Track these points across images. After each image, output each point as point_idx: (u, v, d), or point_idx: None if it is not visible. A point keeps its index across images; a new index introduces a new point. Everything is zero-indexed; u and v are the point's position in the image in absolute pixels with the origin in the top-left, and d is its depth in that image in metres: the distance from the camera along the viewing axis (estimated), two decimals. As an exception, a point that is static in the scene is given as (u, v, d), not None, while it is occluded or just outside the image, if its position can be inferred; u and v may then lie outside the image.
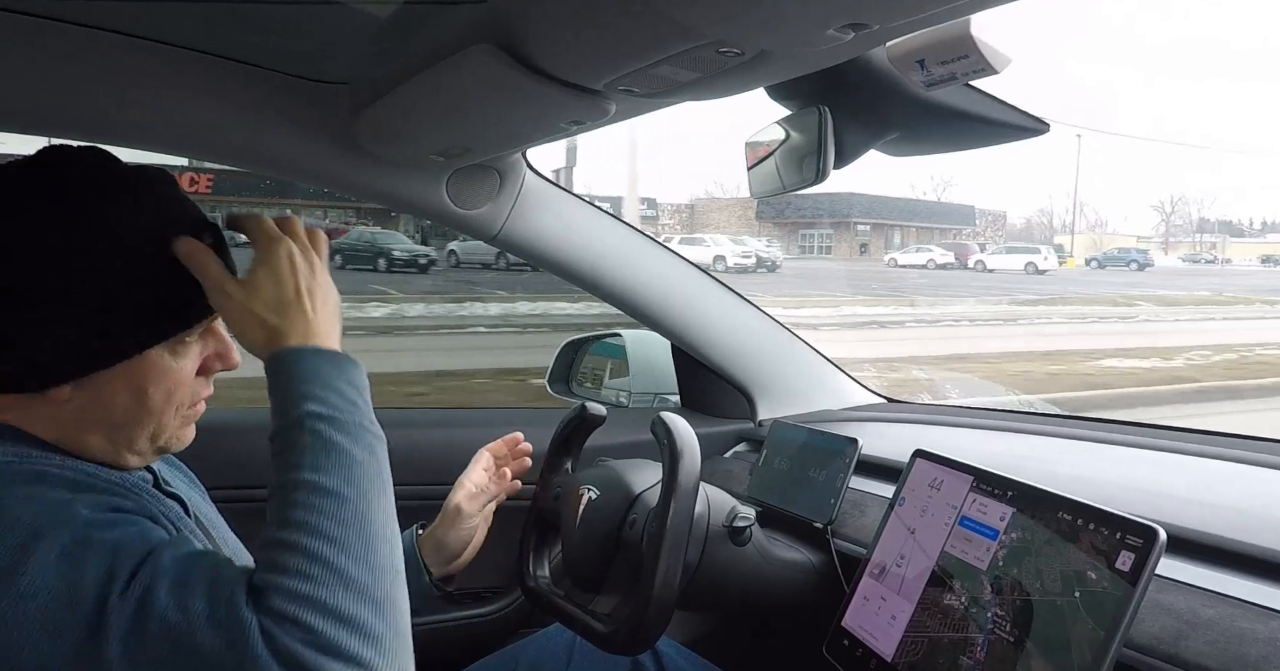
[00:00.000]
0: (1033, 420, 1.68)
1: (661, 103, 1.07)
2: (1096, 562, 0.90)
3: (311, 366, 0.81)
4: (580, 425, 1.40)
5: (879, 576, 1.17)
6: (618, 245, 1.68)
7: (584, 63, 0.96)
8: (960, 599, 1.03)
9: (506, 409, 2.11)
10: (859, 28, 0.76)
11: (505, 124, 1.23)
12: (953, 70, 0.93)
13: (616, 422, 1.49)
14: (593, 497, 1.29)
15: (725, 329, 1.79)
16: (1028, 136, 1.13)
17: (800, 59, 0.91)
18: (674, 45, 0.85)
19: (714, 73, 0.91)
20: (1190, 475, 1.30)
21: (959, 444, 1.54)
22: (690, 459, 1.15)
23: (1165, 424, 1.55)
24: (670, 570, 1.12)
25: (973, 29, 0.88)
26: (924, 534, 1.13)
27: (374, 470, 0.78)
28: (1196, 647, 0.88)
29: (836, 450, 1.42)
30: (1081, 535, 0.93)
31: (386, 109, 1.24)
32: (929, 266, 36.00)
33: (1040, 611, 0.93)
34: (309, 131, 1.37)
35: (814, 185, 1.19)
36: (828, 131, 1.13)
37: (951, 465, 1.14)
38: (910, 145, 1.22)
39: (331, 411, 0.79)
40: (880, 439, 1.55)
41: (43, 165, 0.84)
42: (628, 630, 1.14)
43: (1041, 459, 1.44)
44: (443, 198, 1.51)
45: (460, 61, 1.02)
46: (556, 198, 1.60)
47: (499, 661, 1.41)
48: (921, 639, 1.06)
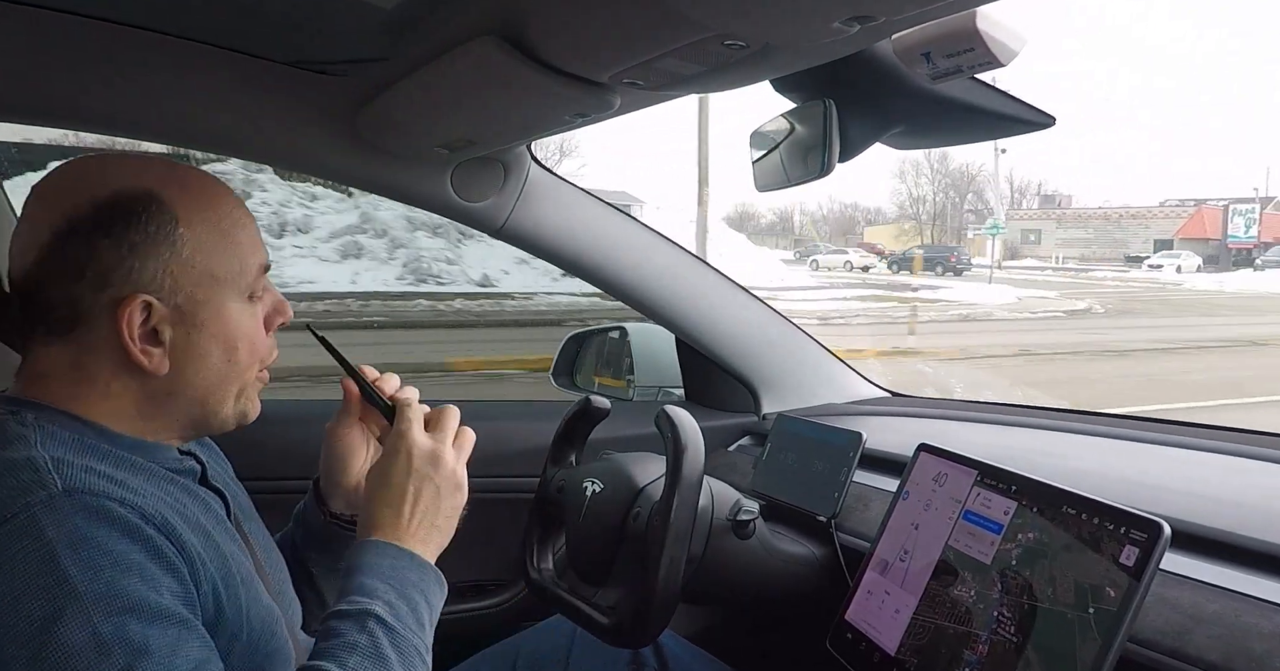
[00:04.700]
0: (1037, 415, 1.67)
1: (667, 96, 1.07)
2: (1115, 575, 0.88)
3: (398, 568, 0.87)
4: (584, 418, 1.40)
5: (882, 570, 1.17)
6: (622, 238, 1.68)
7: (589, 55, 0.96)
8: (967, 592, 1.03)
9: (508, 401, 2.11)
10: (864, 20, 0.76)
11: (510, 116, 1.23)
12: (958, 63, 0.93)
13: (620, 416, 1.49)
14: (597, 490, 1.29)
15: (729, 322, 1.79)
16: (1033, 129, 1.12)
17: (805, 52, 0.91)
18: (679, 38, 0.84)
19: (719, 65, 0.91)
20: (1195, 470, 1.30)
21: (963, 438, 1.54)
22: (694, 452, 1.15)
23: (1170, 419, 1.55)
24: (674, 563, 1.12)
25: (978, 22, 0.88)
26: (928, 528, 1.13)
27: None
28: (1201, 642, 0.88)
29: (840, 444, 1.42)
30: (1085, 529, 0.93)
31: (391, 101, 1.24)
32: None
33: (1046, 620, 0.92)
34: (313, 123, 1.37)
35: (819, 178, 1.18)
36: (833, 124, 1.12)
37: (956, 459, 1.14)
38: (916, 138, 1.22)
39: (395, 623, 0.82)
40: (884, 433, 1.54)
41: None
42: (631, 623, 1.15)
43: (1046, 453, 1.44)
44: (447, 190, 1.51)
45: (465, 53, 1.02)
46: (561, 190, 1.60)
47: (500, 653, 1.41)
48: (924, 633, 1.06)
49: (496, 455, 1.75)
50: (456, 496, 0.95)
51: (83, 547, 0.72)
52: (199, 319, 0.85)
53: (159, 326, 0.83)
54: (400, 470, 0.92)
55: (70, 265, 0.81)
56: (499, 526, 1.74)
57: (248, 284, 0.89)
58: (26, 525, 0.72)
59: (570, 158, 42.07)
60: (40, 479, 0.75)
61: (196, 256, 0.85)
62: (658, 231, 1.74)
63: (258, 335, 0.91)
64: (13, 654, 0.68)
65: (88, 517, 0.73)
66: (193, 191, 0.87)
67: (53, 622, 0.68)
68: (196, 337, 0.86)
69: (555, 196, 1.59)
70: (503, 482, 1.75)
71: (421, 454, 0.93)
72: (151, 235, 0.83)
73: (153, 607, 0.72)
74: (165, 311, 0.83)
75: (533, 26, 0.95)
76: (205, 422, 0.90)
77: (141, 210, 0.83)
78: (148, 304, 0.82)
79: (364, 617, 0.81)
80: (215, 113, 1.34)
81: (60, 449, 0.78)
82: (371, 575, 0.85)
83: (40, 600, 0.69)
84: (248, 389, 0.91)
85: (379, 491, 0.92)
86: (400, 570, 0.87)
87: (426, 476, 0.93)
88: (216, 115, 1.35)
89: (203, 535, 0.83)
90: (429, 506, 0.92)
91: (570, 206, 1.61)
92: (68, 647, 0.68)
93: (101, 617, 0.70)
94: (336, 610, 0.83)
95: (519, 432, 1.78)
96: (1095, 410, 1.78)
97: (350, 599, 0.83)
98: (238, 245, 0.88)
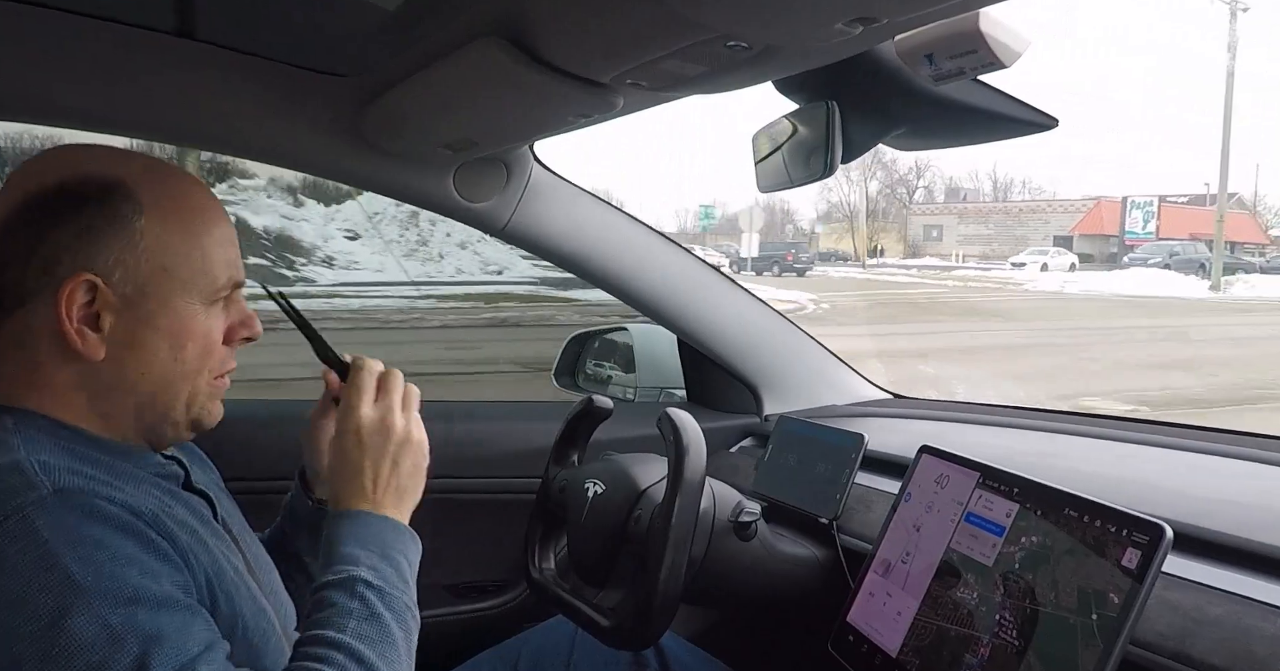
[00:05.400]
0: (1039, 417, 1.67)
1: (669, 96, 1.07)
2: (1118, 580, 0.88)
3: (375, 532, 0.89)
4: (587, 418, 1.40)
5: (884, 572, 1.17)
6: (625, 239, 1.68)
7: (592, 56, 0.96)
8: (969, 594, 1.03)
9: (511, 402, 2.11)
10: (867, 22, 0.76)
11: (513, 117, 1.23)
12: (961, 65, 0.93)
13: (622, 417, 1.49)
14: (599, 492, 1.29)
15: (731, 323, 1.79)
16: (1036, 131, 1.12)
17: (808, 53, 0.91)
18: (681, 39, 0.84)
19: (722, 66, 0.91)
20: (1197, 472, 1.29)
21: (965, 440, 1.53)
22: (696, 454, 1.15)
23: (1172, 421, 1.54)
24: (675, 565, 1.12)
25: (981, 23, 0.88)
26: (930, 530, 1.13)
27: (406, 652, 0.84)
28: (1203, 645, 0.88)
29: (842, 445, 1.42)
30: (1088, 532, 0.93)
31: (394, 102, 1.24)
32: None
33: (1048, 624, 0.92)
34: (316, 124, 1.37)
35: (821, 179, 1.18)
36: (836, 126, 1.12)
37: (958, 461, 1.14)
38: (918, 139, 1.22)
39: (382, 584, 0.85)
40: (886, 434, 1.54)
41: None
42: (632, 624, 1.14)
43: (1048, 455, 1.44)
44: (450, 191, 1.51)
45: (468, 54, 1.02)
46: (563, 191, 1.60)
47: (501, 654, 1.41)
48: (926, 634, 1.06)
49: (499, 455, 1.75)
50: (414, 455, 0.97)
51: (80, 544, 0.72)
52: (146, 311, 0.85)
53: (101, 311, 0.83)
54: (353, 447, 0.94)
55: (27, 240, 0.82)
56: (501, 527, 1.74)
57: (211, 289, 0.88)
58: (21, 526, 0.72)
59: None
60: (29, 481, 0.75)
61: (155, 250, 0.85)
62: (660, 232, 1.74)
63: (211, 340, 0.90)
64: (23, 652, 0.69)
65: (80, 516, 0.74)
66: (167, 188, 0.87)
67: (61, 618, 0.69)
68: (141, 331, 0.85)
69: (558, 197, 1.59)
70: (505, 483, 1.75)
71: (370, 427, 0.95)
72: (110, 221, 0.83)
73: (156, 596, 0.74)
74: (112, 298, 0.83)
75: (535, 27, 0.95)
76: (159, 426, 0.89)
77: (104, 196, 0.83)
78: (93, 285, 0.82)
79: (353, 583, 0.83)
80: (218, 113, 1.34)
81: (44, 453, 0.79)
82: (351, 543, 0.87)
83: (45, 598, 0.70)
84: (199, 395, 0.90)
85: (340, 469, 0.94)
86: (377, 534, 0.89)
87: (379, 448, 0.94)
88: (220, 115, 1.35)
89: (190, 533, 0.84)
90: (389, 473, 0.94)
91: (573, 207, 1.61)
92: (80, 641, 0.69)
93: (109, 609, 0.70)
94: (324, 581, 0.84)
95: (521, 433, 1.78)
96: (1098, 413, 1.77)
97: (335, 568, 0.85)
98: (203, 249, 0.88)
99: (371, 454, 0.94)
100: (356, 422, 0.95)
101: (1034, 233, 48.08)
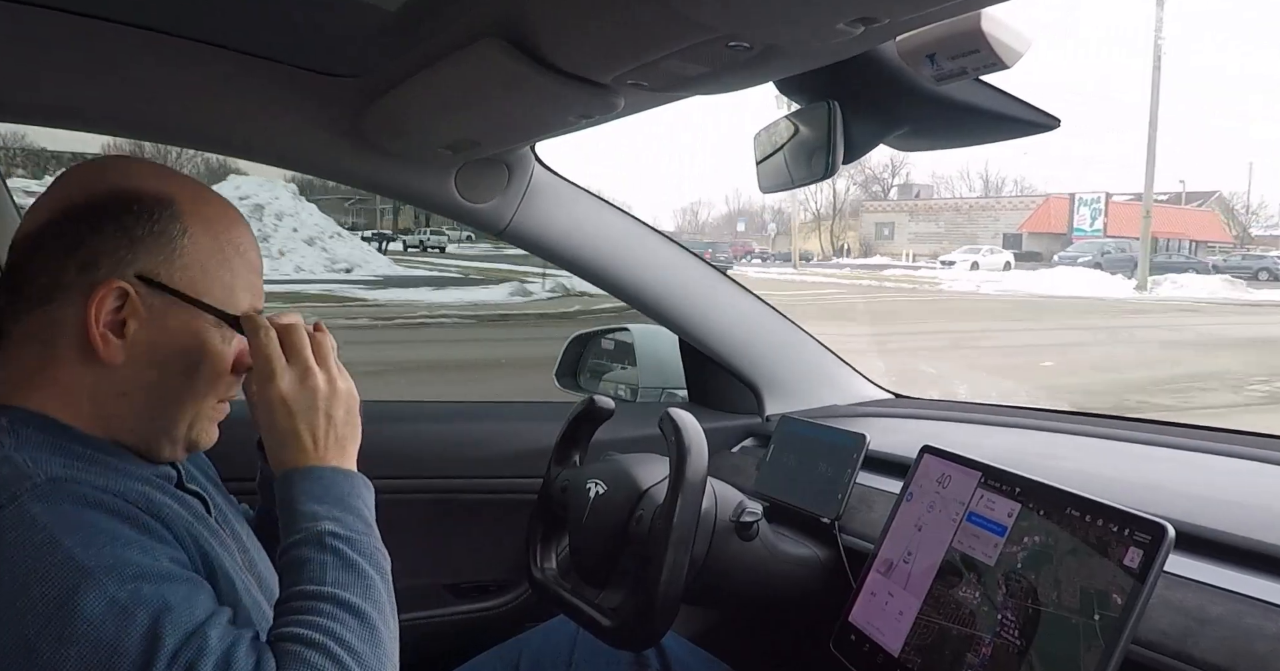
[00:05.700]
0: (1041, 416, 1.67)
1: (671, 97, 1.07)
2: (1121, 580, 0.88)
3: (327, 485, 0.87)
4: (588, 418, 1.41)
5: (886, 571, 1.17)
6: (626, 239, 1.68)
7: (593, 57, 0.96)
8: (971, 594, 1.03)
9: (514, 402, 2.11)
10: (868, 22, 0.76)
11: (514, 117, 1.23)
12: (963, 65, 0.93)
13: (624, 417, 1.49)
14: (600, 492, 1.29)
15: (733, 324, 1.79)
16: (1038, 131, 1.12)
17: (810, 54, 0.91)
18: (683, 39, 0.84)
19: (723, 67, 0.91)
20: (1198, 472, 1.29)
21: (967, 440, 1.53)
22: (697, 455, 1.15)
23: (1174, 420, 1.54)
24: (676, 565, 1.12)
25: (983, 23, 0.88)
26: (931, 529, 1.13)
27: (385, 591, 0.84)
28: (1205, 644, 0.88)
29: (844, 445, 1.42)
30: (1089, 532, 0.93)
31: (395, 102, 1.24)
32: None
33: (1050, 625, 0.92)
34: (317, 125, 1.38)
35: (823, 180, 1.18)
36: (837, 126, 1.12)
37: (959, 461, 1.14)
38: (920, 139, 1.21)
39: (349, 532, 0.84)
40: (888, 434, 1.54)
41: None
42: (634, 624, 1.15)
43: (1050, 455, 1.44)
44: (451, 191, 1.51)
45: (469, 55, 1.02)
46: (565, 191, 1.60)
47: (502, 654, 1.41)
48: (928, 634, 1.06)
49: (500, 455, 1.75)
50: (345, 403, 0.92)
51: (78, 528, 0.73)
52: (169, 326, 0.86)
53: (128, 319, 0.84)
54: (282, 417, 0.89)
55: (70, 239, 0.84)
56: (502, 527, 1.74)
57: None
58: (18, 514, 0.73)
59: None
60: (22, 471, 0.76)
61: (190, 269, 0.87)
62: (662, 232, 1.74)
63: (222, 364, 0.91)
64: (37, 635, 0.69)
65: (75, 503, 0.75)
66: (210, 210, 0.90)
67: (69, 598, 0.70)
68: (161, 343, 0.86)
69: (559, 197, 1.59)
70: (506, 483, 1.75)
71: (292, 393, 0.89)
72: (156, 234, 0.85)
73: (159, 571, 0.75)
74: (140, 308, 0.85)
75: (537, 28, 0.95)
76: (157, 440, 0.89)
77: (154, 210, 0.86)
78: (124, 292, 0.84)
79: (320, 537, 0.83)
80: (220, 114, 1.34)
81: (36, 451, 0.79)
82: (307, 501, 0.85)
83: (51, 581, 0.70)
84: (201, 418, 0.91)
85: (275, 437, 0.90)
86: (330, 486, 0.87)
87: (309, 409, 0.89)
88: (221, 116, 1.35)
89: (184, 524, 0.84)
90: (326, 427, 0.90)
91: (574, 207, 1.61)
92: (91, 618, 0.70)
93: (115, 586, 0.71)
94: (290, 542, 0.83)
95: (523, 433, 1.78)
96: (1099, 412, 1.77)
97: (297, 527, 0.84)
98: (232, 272, 0.90)
99: (303, 417, 0.89)
100: (278, 392, 0.89)
101: (984, 230, 47.32)
